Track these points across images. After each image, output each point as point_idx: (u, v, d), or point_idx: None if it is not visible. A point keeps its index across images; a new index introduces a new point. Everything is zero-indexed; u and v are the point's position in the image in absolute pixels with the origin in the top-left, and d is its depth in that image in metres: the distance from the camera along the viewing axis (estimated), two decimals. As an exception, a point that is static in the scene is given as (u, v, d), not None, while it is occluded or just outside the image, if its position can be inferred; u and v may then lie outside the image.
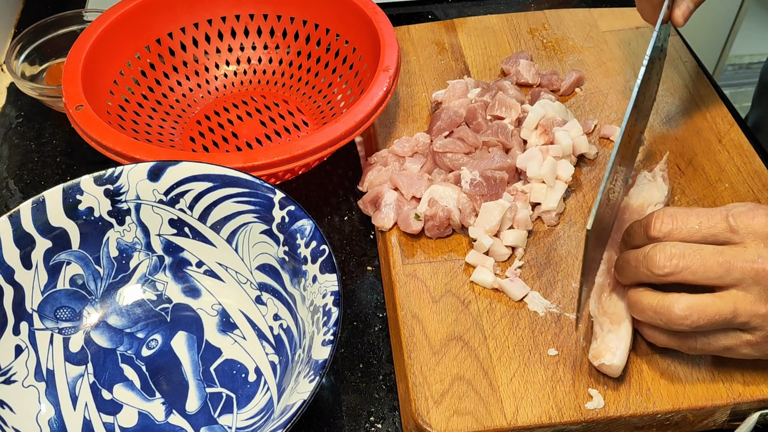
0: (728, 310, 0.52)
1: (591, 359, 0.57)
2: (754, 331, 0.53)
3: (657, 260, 0.53)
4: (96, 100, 0.72)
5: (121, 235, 0.63)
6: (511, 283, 0.63)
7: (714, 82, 0.82)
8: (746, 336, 0.54)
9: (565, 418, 0.56)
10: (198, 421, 0.58)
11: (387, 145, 0.74)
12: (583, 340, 0.60)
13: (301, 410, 0.48)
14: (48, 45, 0.87)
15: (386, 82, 0.69)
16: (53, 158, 0.81)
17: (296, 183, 0.76)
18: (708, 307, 0.52)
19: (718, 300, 0.53)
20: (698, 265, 0.53)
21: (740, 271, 0.52)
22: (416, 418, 0.56)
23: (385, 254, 0.68)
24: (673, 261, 0.53)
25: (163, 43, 0.82)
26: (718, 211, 0.54)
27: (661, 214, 0.55)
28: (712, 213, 0.54)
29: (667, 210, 0.56)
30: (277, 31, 0.85)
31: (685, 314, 0.53)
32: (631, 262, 0.56)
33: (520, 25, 0.87)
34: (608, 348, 0.56)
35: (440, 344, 0.60)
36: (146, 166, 0.61)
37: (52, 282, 0.61)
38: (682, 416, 0.57)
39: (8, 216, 0.59)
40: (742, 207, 0.54)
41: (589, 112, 0.77)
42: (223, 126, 0.81)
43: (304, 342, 0.56)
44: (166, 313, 0.64)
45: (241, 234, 0.61)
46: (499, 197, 0.67)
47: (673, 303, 0.53)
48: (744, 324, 0.53)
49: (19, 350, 0.59)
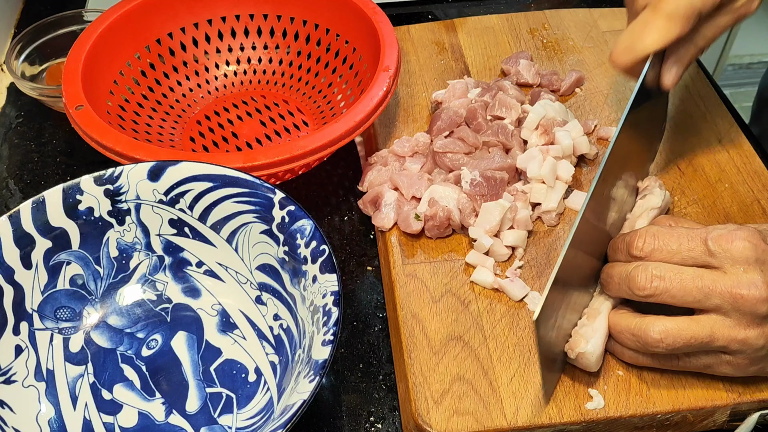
0: (704, 334, 0.52)
1: (567, 352, 0.56)
2: (735, 354, 0.53)
3: (638, 281, 0.54)
4: (96, 100, 0.72)
5: (121, 235, 0.63)
6: (511, 283, 0.63)
7: (714, 82, 0.82)
8: (726, 357, 0.54)
9: (565, 418, 0.56)
10: (198, 421, 0.58)
11: (387, 145, 0.74)
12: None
13: (301, 410, 0.48)
14: (48, 45, 0.87)
15: (386, 82, 0.69)
16: (53, 158, 0.81)
17: (296, 183, 0.76)
18: (683, 331, 0.53)
19: (694, 324, 0.53)
20: (678, 289, 0.53)
21: (719, 296, 0.52)
22: (416, 418, 0.56)
23: (385, 254, 0.68)
24: (654, 283, 0.53)
25: (163, 43, 0.82)
26: (698, 234, 0.54)
27: (644, 234, 0.55)
28: (693, 235, 0.54)
29: (649, 229, 0.56)
30: (277, 31, 0.85)
31: (661, 337, 0.53)
32: (614, 278, 0.56)
33: (520, 25, 0.87)
34: (583, 337, 0.56)
35: (440, 344, 0.60)
36: (146, 166, 0.61)
37: (52, 282, 0.61)
38: (682, 416, 0.57)
39: (8, 216, 0.59)
40: (722, 230, 0.54)
41: (589, 113, 0.77)
42: (223, 126, 0.81)
43: (304, 342, 0.56)
44: (166, 313, 0.64)
45: (241, 234, 0.61)
46: (499, 197, 0.67)
47: (649, 326, 0.54)
48: (723, 347, 0.53)
49: (19, 350, 0.59)
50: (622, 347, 0.57)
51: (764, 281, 0.51)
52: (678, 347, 0.53)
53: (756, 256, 0.52)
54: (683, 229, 0.55)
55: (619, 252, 0.58)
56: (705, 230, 0.54)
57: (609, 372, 0.58)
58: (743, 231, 0.53)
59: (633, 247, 0.56)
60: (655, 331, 0.53)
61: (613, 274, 0.56)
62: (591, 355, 0.56)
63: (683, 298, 0.53)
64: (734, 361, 0.54)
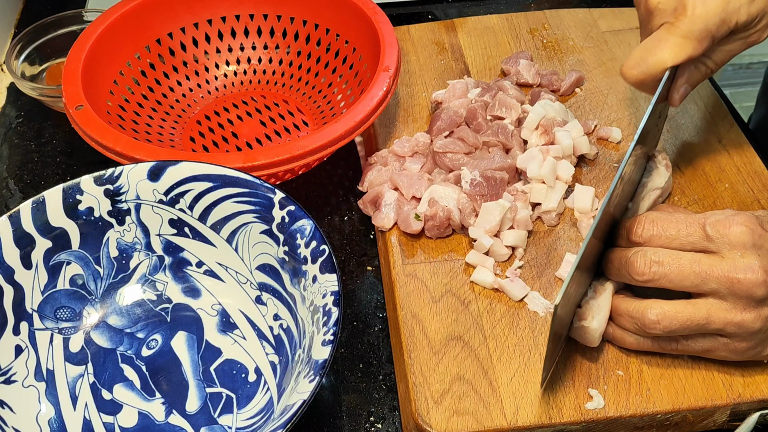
0: (701, 317, 0.54)
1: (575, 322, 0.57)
2: (732, 337, 0.54)
3: (637, 266, 0.55)
4: (96, 100, 0.72)
5: (121, 235, 0.63)
6: (511, 283, 0.63)
7: (714, 82, 0.82)
8: (724, 340, 0.55)
9: (565, 418, 0.56)
10: (198, 421, 0.58)
11: (387, 145, 0.74)
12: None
13: (301, 410, 0.48)
14: (48, 45, 0.87)
15: (386, 82, 0.69)
16: (53, 158, 0.81)
17: (296, 183, 0.76)
18: (680, 313, 0.54)
19: (690, 307, 0.54)
20: (675, 274, 0.54)
21: (716, 281, 0.53)
22: (416, 418, 0.56)
23: (385, 254, 0.68)
24: (653, 268, 0.54)
25: (163, 43, 0.82)
26: (697, 219, 0.55)
27: (643, 220, 0.57)
28: (691, 221, 0.55)
29: (648, 215, 0.57)
30: (277, 31, 0.85)
31: (658, 319, 0.54)
32: (614, 263, 0.58)
33: (520, 25, 0.87)
34: (591, 310, 0.57)
35: (440, 344, 0.60)
36: (146, 166, 0.61)
37: (52, 282, 0.61)
38: (682, 416, 0.57)
39: (8, 216, 0.59)
40: (720, 215, 0.55)
41: (589, 113, 0.77)
42: (223, 126, 0.81)
43: (304, 342, 0.56)
44: (166, 313, 0.64)
45: (241, 234, 0.61)
46: (499, 197, 0.67)
47: (646, 308, 0.55)
48: (719, 330, 0.54)
49: (19, 350, 0.59)
50: (623, 333, 0.58)
51: (761, 265, 0.52)
52: (675, 329, 0.54)
53: (753, 241, 0.53)
54: (681, 215, 0.56)
55: (619, 238, 0.59)
56: (703, 216, 0.55)
57: (609, 372, 0.58)
58: (741, 216, 0.54)
59: (632, 233, 0.57)
60: (652, 313, 0.55)
61: (614, 259, 0.58)
62: (595, 331, 0.57)
63: (681, 282, 0.54)
64: (731, 345, 0.55)
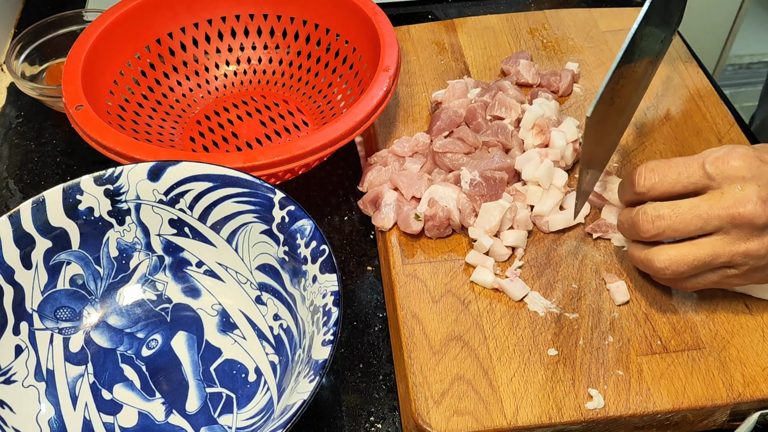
0: (706, 254, 0.55)
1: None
2: (739, 267, 0.56)
3: (641, 225, 0.57)
4: (96, 100, 0.72)
5: (121, 235, 0.63)
6: (511, 283, 0.63)
7: (714, 82, 0.82)
8: (732, 271, 0.57)
9: (565, 418, 0.56)
10: (198, 421, 0.58)
11: (387, 145, 0.74)
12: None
13: (301, 410, 0.48)
14: (48, 45, 0.87)
15: (386, 82, 0.69)
16: (53, 158, 0.81)
17: (296, 183, 0.76)
18: (685, 256, 0.56)
19: (695, 248, 0.56)
20: (678, 223, 0.56)
21: (718, 219, 0.55)
22: (416, 418, 0.56)
23: (385, 254, 0.68)
24: (655, 223, 0.56)
25: (163, 43, 0.82)
26: (695, 159, 0.56)
27: (643, 170, 0.58)
28: (690, 162, 0.57)
29: (648, 165, 0.58)
30: (277, 31, 0.85)
31: (665, 265, 0.56)
32: (624, 225, 0.60)
33: (520, 25, 0.87)
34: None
35: (440, 344, 0.60)
36: (146, 166, 0.61)
37: (52, 282, 0.61)
38: (682, 416, 0.57)
39: (8, 216, 0.59)
40: (718, 152, 0.56)
41: (589, 112, 0.77)
42: (223, 126, 0.81)
43: (304, 342, 0.56)
44: (166, 313, 0.64)
45: (241, 234, 0.61)
46: (498, 197, 0.67)
47: (654, 256, 0.57)
48: (726, 263, 0.56)
49: (19, 350, 0.59)
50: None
51: (759, 196, 0.54)
52: (684, 271, 0.56)
53: (752, 173, 0.54)
54: (680, 158, 0.57)
55: (626, 193, 0.61)
56: (701, 155, 0.57)
57: (609, 372, 0.58)
58: (739, 149, 0.55)
59: (635, 185, 0.58)
60: (659, 260, 0.57)
61: (623, 221, 0.60)
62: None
63: (686, 228, 0.56)
64: (740, 273, 0.56)
